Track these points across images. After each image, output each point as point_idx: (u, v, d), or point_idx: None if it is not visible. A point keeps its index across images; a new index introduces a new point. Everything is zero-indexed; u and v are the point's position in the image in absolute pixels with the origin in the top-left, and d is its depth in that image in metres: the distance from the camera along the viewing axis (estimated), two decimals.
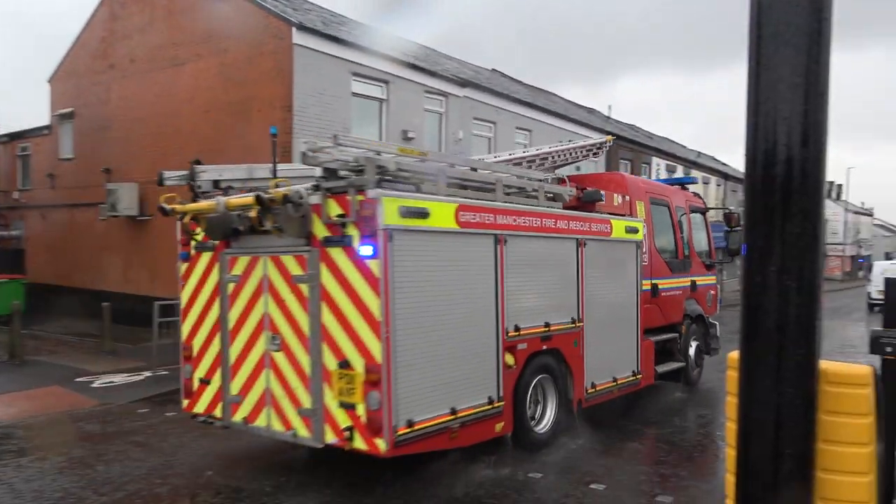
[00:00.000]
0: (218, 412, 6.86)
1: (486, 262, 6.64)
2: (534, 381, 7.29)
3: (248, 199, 6.19)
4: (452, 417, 6.14)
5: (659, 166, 33.20)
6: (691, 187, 12.26)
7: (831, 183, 73.16)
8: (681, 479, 6.86)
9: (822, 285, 2.13)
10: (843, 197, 72.62)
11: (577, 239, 7.92)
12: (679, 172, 35.37)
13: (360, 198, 5.67)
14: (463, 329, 6.33)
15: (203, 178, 7.52)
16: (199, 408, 7.03)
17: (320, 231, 5.97)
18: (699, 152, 42.22)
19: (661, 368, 9.70)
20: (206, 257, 7.02)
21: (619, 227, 8.72)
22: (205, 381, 6.98)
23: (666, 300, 10.00)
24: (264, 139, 16.37)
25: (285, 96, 15.87)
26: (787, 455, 2.20)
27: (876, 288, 38.30)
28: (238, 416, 6.64)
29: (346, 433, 5.78)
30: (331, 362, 5.89)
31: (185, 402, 7.20)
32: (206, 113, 18.38)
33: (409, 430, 5.73)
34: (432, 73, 19.36)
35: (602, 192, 8.92)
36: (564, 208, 8.04)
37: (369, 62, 17.42)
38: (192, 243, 7.14)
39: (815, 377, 2.16)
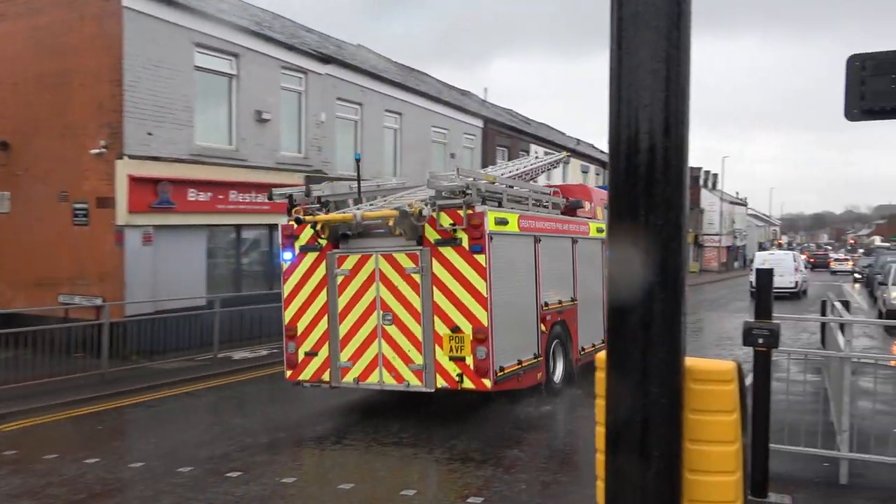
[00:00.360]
0: (326, 377, 10.00)
1: (530, 257, 10.38)
2: (553, 344, 10.94)
3: (387, 211, 9.32)
4: (519, 366, 9.78)
5: (537, 154, 34.37)
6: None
7: (707, 172, 78.75)
8: None
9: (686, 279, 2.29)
10: (719, 187, 78.27)
11: (572, 238, 11.83)
12: None
13: (469, 211, 9.19)
14: (522, 303, 10.00)
15: (315, 194, 10.70)
16: (305, 376, 10.12)
17: (432, 235, 9.35)
18: (578, 139, 44.11)
19: None
20: (311, 257, 10.07)
21: (593, 227, 12.69)
22: (311, 354, 10.07)
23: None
24: (88, 117, 15.38)
25: (113, 68, 14.96)
26: (655, 457, 2.32)
27: None
28: (349, 378, 9.86)
29: (458, 378, 9.23)
30: (442, 329, 9.30)
31: (289, 373, 10.25)
32: (13, 86, 16.99)
33: (501, 373, 9.25)
34: (290, 47, 18.94)
35: (582, 200, 12.90)
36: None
37: (216, 32, 16.77)
38: (297, 245, 10.13)
39: (681, 375, 2.30)
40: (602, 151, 46.88)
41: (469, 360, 9.16)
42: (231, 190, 16.92)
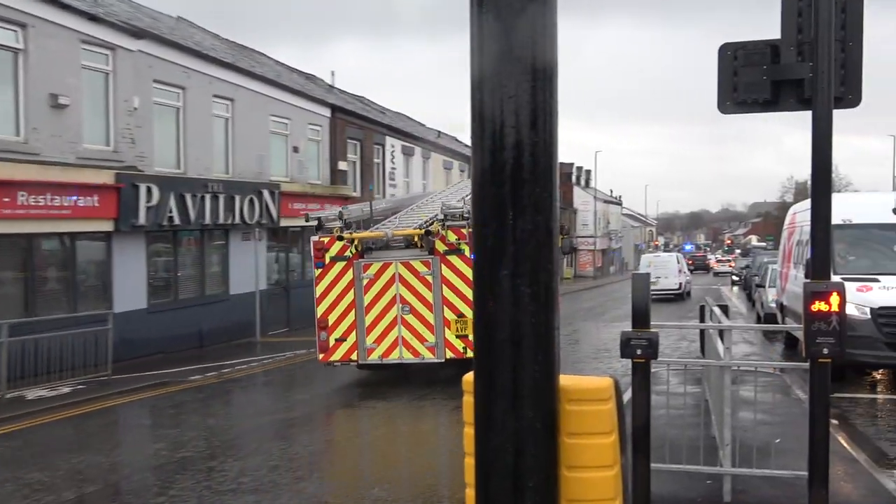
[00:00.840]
0: (354, 357, 14.50)
1: None
2: None
3: (413, 230, 14.40)
4: None
5: (394, 148, 34.60)
6: None
7: (580, 168, 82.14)
8: None
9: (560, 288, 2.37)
10: (592, 184, 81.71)
11: None
12: (417, 155, 37.24)
13: (470, 230, 12.55)
14: None
15: (347, 217, 15.89)
16: (336, 357, 14.58)
17: (441, 247, 14.12)
18: (440, 132, 44.80)
19: None
20: (339, 265, 14.52)
21: None
22: (340, 340, 14.48)
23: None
24: None
25: None
26: (530, 488, 2.39)
27: None
28: (374, 356, 14.38)
29: (463, 350, 13.86)
30: (449, 315, 14.06)
31: (321, 356, 14.67)
32: None
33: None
34: (92, 17, 18.00)
35: None
36: None
37: None
38: (327, 256, 14.58)
39: (556, 396, 2.37)
40: (467, 145, 47.84)
41: (472, 337, 10.94)
42: (19, 191, 15.78)
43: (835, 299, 5.89)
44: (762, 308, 25.97)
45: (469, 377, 2.47)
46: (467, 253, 14.13)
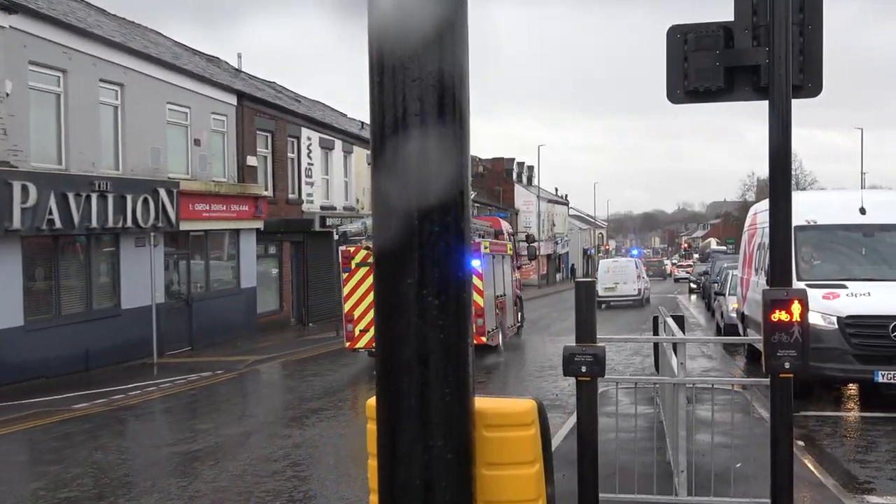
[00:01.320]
0: (374, 345, 15.96)
1: (492, 266, 23.13)
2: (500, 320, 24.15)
3: None
4: (493, 331, 22.80)
5: (311, 141, 34.37)
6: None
7: (522, 165, 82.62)
8: None
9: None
10: (536, 182, 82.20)
11: (503, 255, 25.32)
12: (338, 149, 37.04)
13: (472, 241, 15.26)
14: (491, 294, 22.73)
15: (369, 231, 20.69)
16: (360, 344, 20.26)
17: None
18: (363, 123, 44.62)
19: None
20: (363, 270, 19.92)
21: (509, 247, 27.13)
22: (364, 330, 19.91)
23: (517, 283, 29.23)
24: None
25: None
26: None
27: (603, 286, 47.25)
28: None
29: None
30: None
31: (348, 343, 20.46)
32: None
33: (488, 334, 21.90)
34: None
35: (500, 229, 27.90)
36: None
37: None
38: (353, 262, 20.18)
39: (471, 421, 2.35)
40: None
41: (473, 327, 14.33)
42: None
43: (796, 308, 5.96)
44: (722, 319, 26.42)
45: (372, 402, 2.42)
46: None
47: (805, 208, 14.73)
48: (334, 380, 19.56)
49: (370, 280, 18.95)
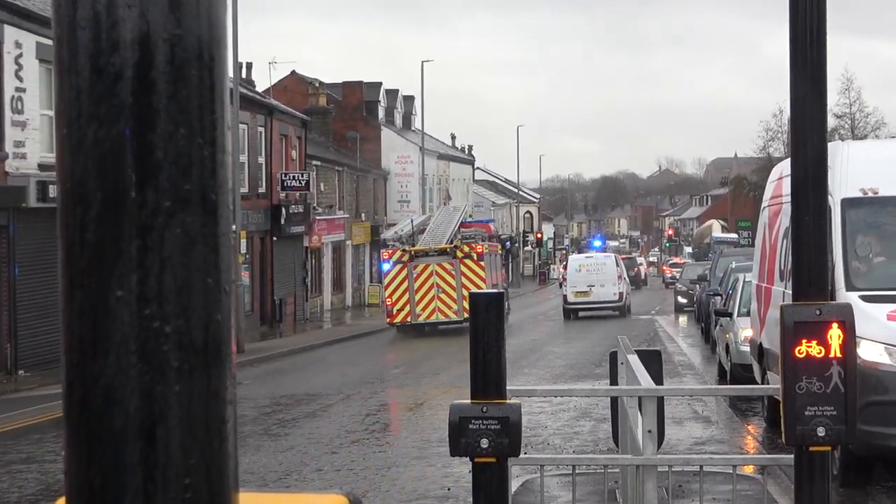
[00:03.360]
0: (409, 320, 36.82)
1: (492, 263, 40.37)
2: None
3: (445, 245, 37.40)
4: None
5: (21, 49, 22.76)
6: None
7: (395, 95, 52.88)
8: None
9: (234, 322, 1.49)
10: (418, 125, 57.77)
11: (497, 254, 44.08)
12: None
13: (479, 246, 38.26)
14: (492, 285, 39.45)
15: (401, 234, 40.50)
16: (397, 320, 37.10)
17: (459, 255, 37.63)
18: None
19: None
20: (398, 266, 36.98)
21: (499, 247, 47.58)
22: (399, 310, 36.80)
23: (503, 277, 48.94)
24: None
25: None
26: None
27: (573, 289, 39.30)
28: (420, 319, 36.97)
29: None
30: (465, 293, 34.65)
31: (388, 320, 37.39)
32: None
33: None
34: None
35: (491, 232, 46.99)
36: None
37: None
38: (392, 259, 37.10)
39: None
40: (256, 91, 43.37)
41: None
42: None
43: (836, 335, 4.01)
44: (728, 355, 17.89)
45: (62, 501, 1.36)
46: (476, 258, 35.33)
47: (862, 169, 9.77)
48: (59, 469, 10.98)
49: (405, 272, 34.86)
